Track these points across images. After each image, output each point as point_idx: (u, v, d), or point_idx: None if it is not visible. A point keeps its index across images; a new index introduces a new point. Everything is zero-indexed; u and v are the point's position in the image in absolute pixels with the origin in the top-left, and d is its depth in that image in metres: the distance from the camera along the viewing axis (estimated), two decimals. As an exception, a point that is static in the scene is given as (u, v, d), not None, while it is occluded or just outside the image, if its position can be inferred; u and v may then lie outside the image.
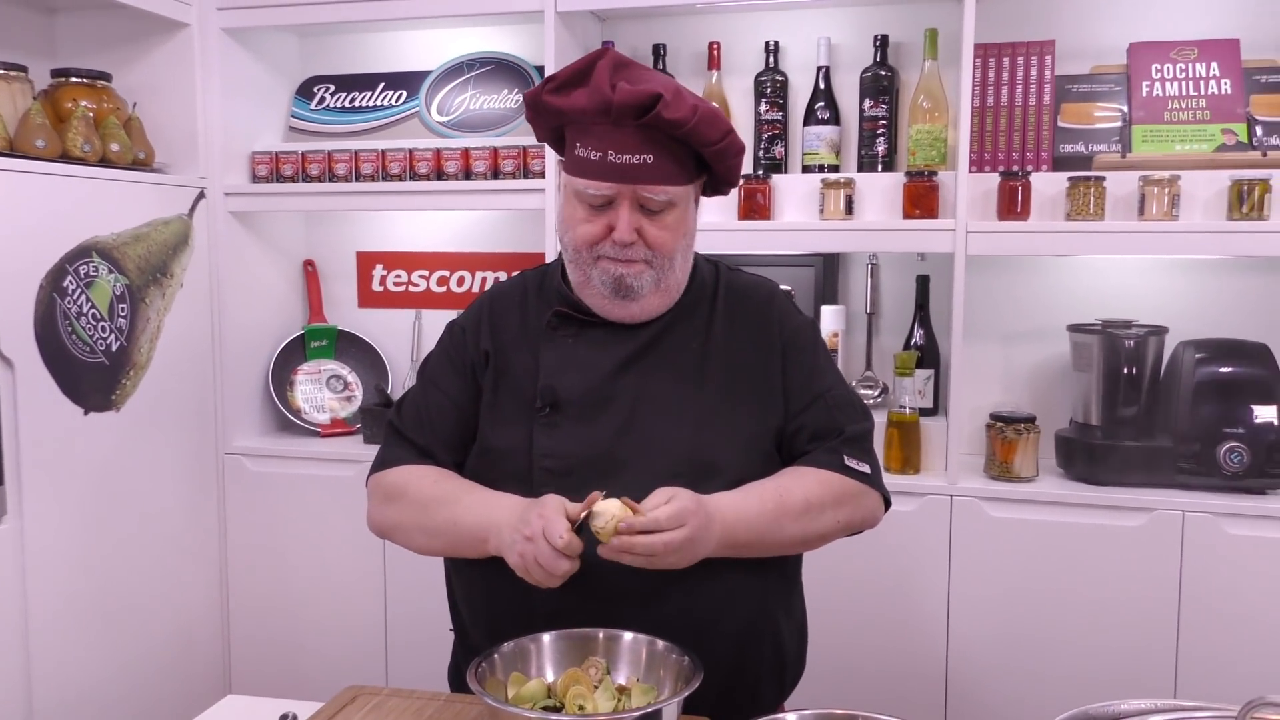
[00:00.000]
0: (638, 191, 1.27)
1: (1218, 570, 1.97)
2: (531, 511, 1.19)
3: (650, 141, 1.26)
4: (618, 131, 1.25)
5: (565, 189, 1.34)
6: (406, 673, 2.41)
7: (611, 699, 1.14)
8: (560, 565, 1.15)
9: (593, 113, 1.26)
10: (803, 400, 1.36)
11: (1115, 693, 2.00)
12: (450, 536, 1.31)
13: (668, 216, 1.31)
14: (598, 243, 1.30)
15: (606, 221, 1.29)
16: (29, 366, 1.94)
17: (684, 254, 1.36)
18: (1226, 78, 2.12)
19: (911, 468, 2.18)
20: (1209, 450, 2.01)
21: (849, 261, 2.44)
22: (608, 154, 1.26)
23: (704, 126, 1.26)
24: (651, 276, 1.32)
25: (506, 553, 1.21)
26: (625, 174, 1.26)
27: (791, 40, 2.38)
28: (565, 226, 1.34)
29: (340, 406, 2.65)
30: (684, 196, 1.32)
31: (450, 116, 2.53)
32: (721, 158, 1.31)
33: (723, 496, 1.26)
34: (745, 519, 1.25)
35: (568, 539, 1.14)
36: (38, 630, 1.98)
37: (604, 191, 1.28)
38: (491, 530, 1.24)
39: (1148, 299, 2.25)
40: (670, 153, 1.27)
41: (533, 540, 1.16)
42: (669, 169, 1.28)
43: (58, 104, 2.14)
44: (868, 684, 2.16)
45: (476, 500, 1.30)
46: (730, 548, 1.25)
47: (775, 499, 1.27)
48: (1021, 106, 2.18)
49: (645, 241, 1.30)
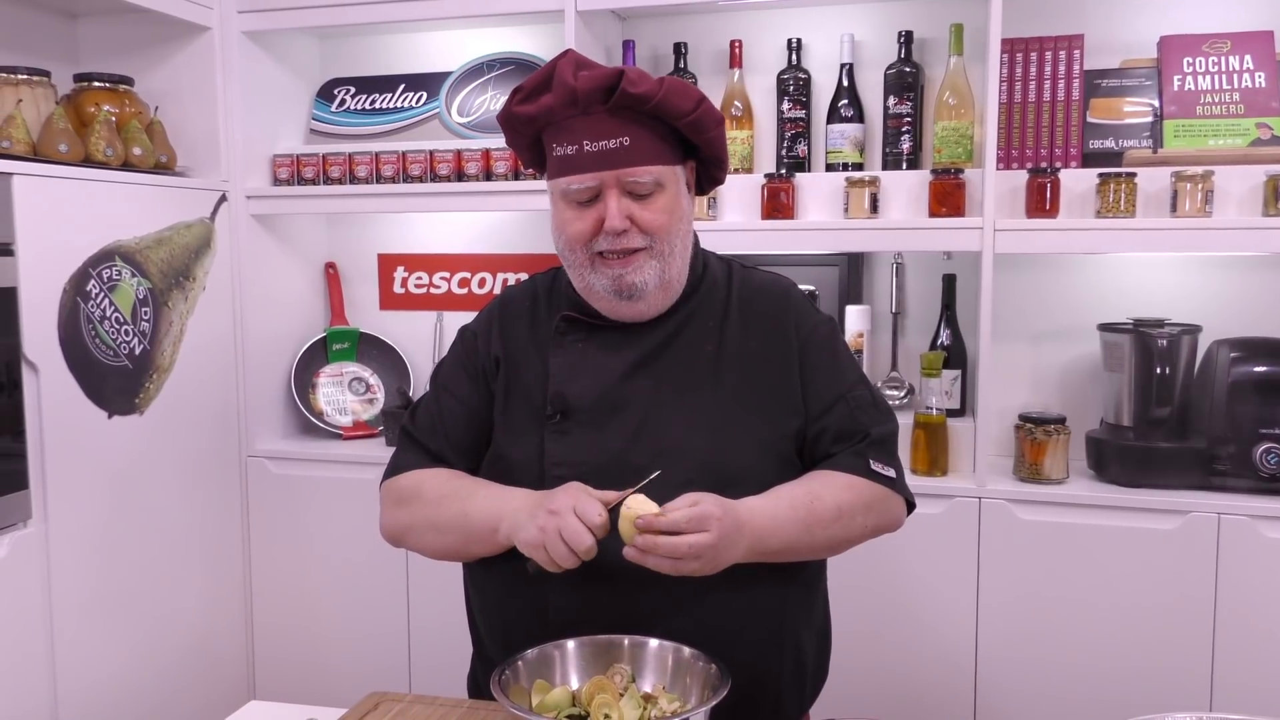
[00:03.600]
0: (621, 177, 1.25)
1: (1254, 574, 1.93)
2: (559, 492, 1.18)
3: (625, 124, 1.24)
4: (589, 120, 1.24)
5: (552, 197, 1.32)
6: (429, 679, 2.40)
7: (637, 707, 1.11)
8: (585, 539, 1.13)
9: (561, 108, 1.24)
10: (824, 402, 1.33)
11: (1148, 701, 1.97)
12: (461, 531, 1.28)
13: (659, 200, 1.27)
14: (591, 239, 1.28)
15: (596, 215, 1.27)
16: (53, 371, 1.95)
17: (683, 241, 1.32)
18: (1261, 70, 2.07)
19: (939, 470, 2.15)
20: (1244, 451, 1.97)
21: (874, 261, 2.41)
22: (584, 144, 1.24)
23: (673, 97, 1.24)
24: (655, 269, 1.28)
25: (520, 531, 1.18)
26: (605, 160, 1.24)
27: (814, 37, 2.36)
28: (558, 232, 1.31)
29: (362, 409, 2.65)
30: (672, 179, 1.29)
31: (471, 117, 2.52)
32: (699, 129, 1.28)
33: (753, 502, 1.23)
34: (777, 526, 1.22)
35: (604, 518, 1.13)
36: (63, 633, 1.98)
37: (587, 183, 1.26)
38: (504, 517, 1.22)
39: (1180, 297, 2.21)
40: (648, 132, 1.25)
41: (557, 514, 1.14)
42: (649, 149, 1.25)
43: (80, 108, 2.15)
44: (894, 691, 2.13)
45: (489, 494, 1.29)
46: (760, 554, 1.22)
47: (806, 505, 1.25)
48: (1050, 102, 2.14)
49: (639, 227, 1.27)
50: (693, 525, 1.13)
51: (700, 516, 1.14)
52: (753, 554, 1.21)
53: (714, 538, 1.14)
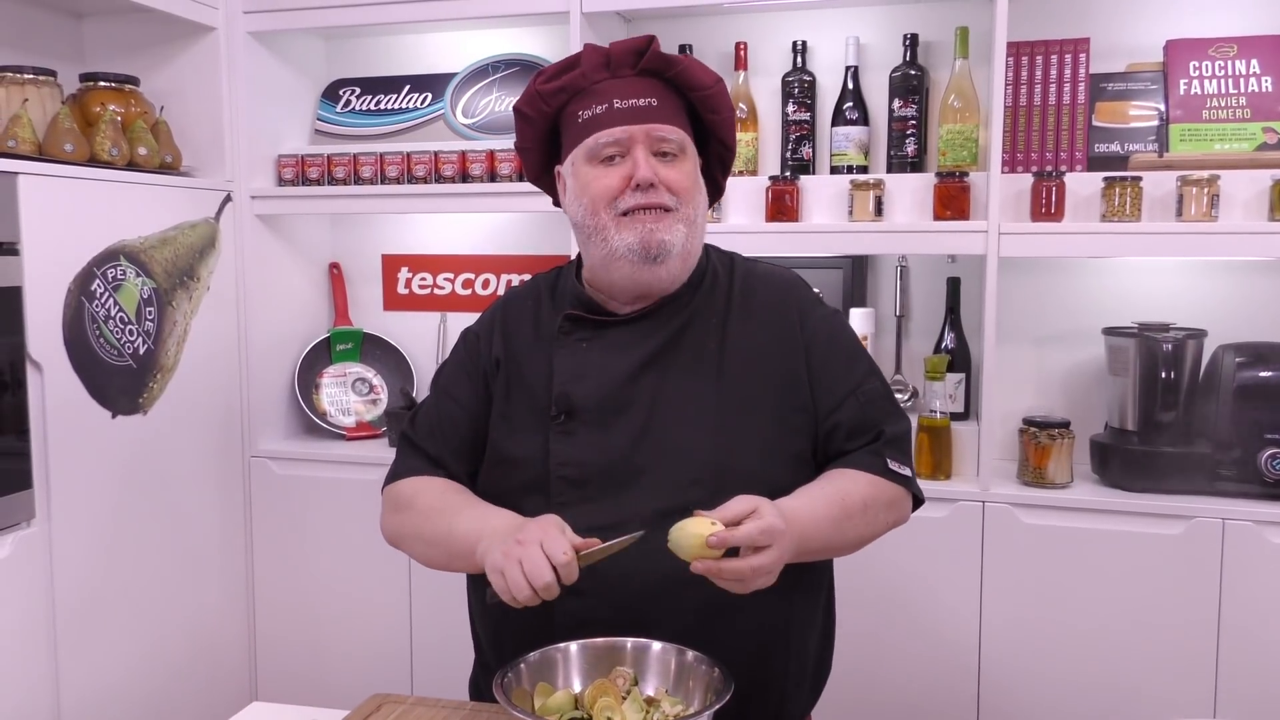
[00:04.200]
0: (650, 132, 1.29)
1: (1259, 580, 1.92)
2: (533, 523, 1.16)
3: (651, 87, 1.30)
4: (619, 81, 1.30)
5: (573, 167, 1.32)
6: (432, 680, 2.40)
7: (640, 710, 1.11)
8: (545, 575, 1.07)
9: (592, 70, 1.30)
10: (836, 397, 1.32)
11: (1152, 706, 1.97)
12: (445, 547, 1.28)
13: (683, 164, 1.31)
14: (618, 195, 1.28)
15: (623, 173, 1.28)
16: (58, 370, 1.95)
17: (701, 216, 1.34)
18: (1268, 75, 2.07)
19: (942, 473, 2.14)
20: (1250, 456, 1.97)
21: (878, 264, 2.41)
22: (613, 102, 1.29)
23: (696, 68, 1.31)
24: (681, 232, 1.29)
25: (489, 554, 1.15)
26: (634, 115, 1.29)
27: (819, 40, 2.35)
28: (580, 197, 1.31)
29: (366, 409, 2.65)
30: (691, 153, 1.33)
31: (475, 119, 2.52)
32: (714, 107, 1.33)
33: (792, 503, 1.20)
34: (817, 526, 1.20)
35: (569, 558, 1.09)
36: (65, 632, 1.98)
37: (616, 136, 1.28)
38: (482, 538, 1.20)
39: (1186, 301, 2.20)
40: (672, 99, 1.31)
41: (523, 545, 1.11)
42: (673, 111, 1.31)
43: (86, 108, 2.15)
44: (898, 694, 2.12)
45: (474, 513, 1.28)
46: (801, 555, 1.18)
47: (840, 504, 1.24)
48: (1055, 105, 2.14)
49: (667, 186, 1.28)
50: (764, 538, 1.09)
51: (767, 529, 1.09)
52: (797, 555, 1.17)
53: (774, 557, 1.09)
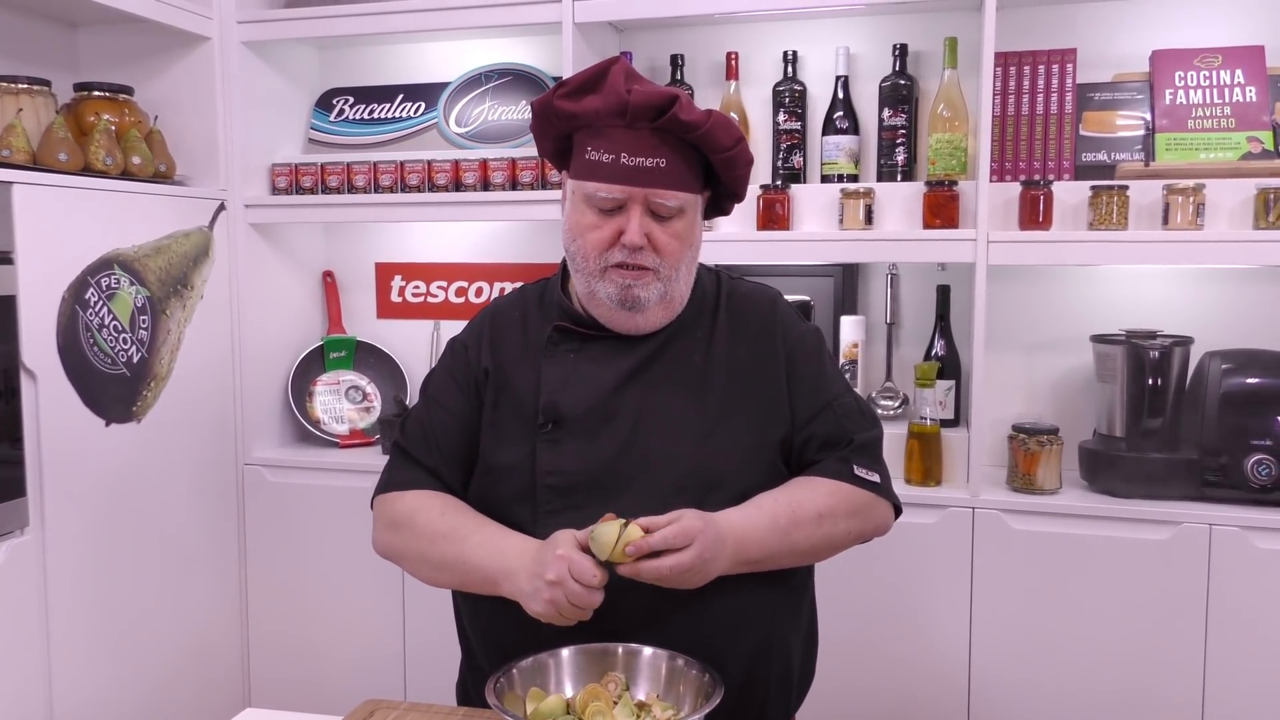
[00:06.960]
0: (650, 196, 1.27)
1: (1245, 585, 1.94)
2: (548, 553, 1.19)
3: (663, 145, 1.26)
4: (631, 134, 1.25)
5: (573, 196, 1.33)
6: (425, 686, 2.40)
7: (631, 715, 1.12)
8: (595, 599, 1.16)
9: (607, 114, 1.26)
10: (810, 410, 1.35)
11: (1140, 712, 1.98)
12: (458, 573, 1.30)
13: (677, 224, 1.30)
14: (607, 249, 1.29)
15: (616, 226, 1.29)
16: (51, 378, 1.95)
17: (689, 266, 1.35)
18: (1252, 85, 2.09)
19: (932, 480, 2.16)
20: (1236, 462, 1.98)
21: (869, 272, 2.43)
22: (620, 156, 1.26)
23: (718, 130, 1.27)
24: (658, 289, 1.31)
25: (529, 601, 1.19)
26: (638, 177, 1.26)
27: (810, 50, 2.37)
28: (573, 234, 1.32)
29: (359, 417, 2.65)
30: (693, 206, 1.32)
31: (469, 128, 2.54)
32: (731, 166, 1.31)
33: (732, 513, 1.25)
34: (757, 535, 1.24)
35: (601, 576, 1.16)
36: (59, 640, 1.98)
37: (615, 195, 1.27)
38: (504, 575, 1.24)
39: (1172, 309, 2.22)
40: (682, 158, 1.28)
41: (559, 584, 1.16)
42: (681, 174, 1.28)
43: (80, 117, 2.16)
44: (887, 700, 2.13)
45: (484, 539, 1.29)
46: (743, 564, 1.24)
47: (788, 513, 1.26)
48: (1043, 115, 2.16)
49: (654, 247, 1.29)
50: (679, 539, 1.16)
51: (683, 531, 1.16)
52: (736, 565, 1.23)
53: (696, 553, 1.16)
